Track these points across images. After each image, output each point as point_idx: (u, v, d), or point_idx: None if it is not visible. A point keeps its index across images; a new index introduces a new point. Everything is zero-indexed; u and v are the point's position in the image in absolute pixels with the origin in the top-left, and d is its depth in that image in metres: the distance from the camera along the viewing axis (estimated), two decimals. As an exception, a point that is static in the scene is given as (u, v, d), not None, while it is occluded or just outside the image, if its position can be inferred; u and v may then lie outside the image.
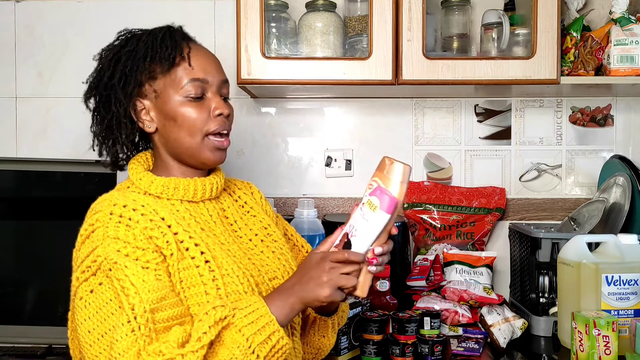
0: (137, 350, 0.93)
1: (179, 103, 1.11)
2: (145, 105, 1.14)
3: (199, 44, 1.20)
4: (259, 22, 1.64)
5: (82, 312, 1.00)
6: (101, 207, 1.05)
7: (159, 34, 1.14)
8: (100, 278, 1.00)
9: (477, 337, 1.57)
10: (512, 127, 2.03)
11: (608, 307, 1.45)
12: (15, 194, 1.88)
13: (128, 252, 1.00)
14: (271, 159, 2.04)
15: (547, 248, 1.69)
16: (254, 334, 0.96)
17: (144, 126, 1.15)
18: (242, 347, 0.95)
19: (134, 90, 1.13)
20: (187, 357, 0.92)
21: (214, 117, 1.13)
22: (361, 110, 2.04)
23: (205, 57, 1.16)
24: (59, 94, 2.00)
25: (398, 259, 1.82)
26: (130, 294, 0.96)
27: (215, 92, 1.15)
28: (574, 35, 1.76)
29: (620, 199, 1.77)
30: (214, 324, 0.95)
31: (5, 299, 1.84)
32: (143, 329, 0.94)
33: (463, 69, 1.66)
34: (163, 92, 1.12)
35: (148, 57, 1.12)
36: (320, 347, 1.24)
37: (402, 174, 1.03)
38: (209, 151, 1.14)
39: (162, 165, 1.18)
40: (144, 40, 1.14)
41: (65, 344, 1.77)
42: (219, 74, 1.16)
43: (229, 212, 1.21)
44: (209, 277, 1.04)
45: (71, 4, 2.00)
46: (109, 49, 1.17)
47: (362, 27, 1.75)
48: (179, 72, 1.12)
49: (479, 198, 1.99)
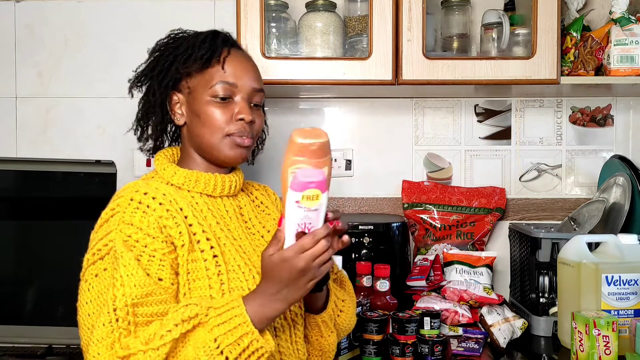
0: (111, 341, 0.96)
1: (205, 102, 1.16)
2: (179, 99, 1.21)
3: (242, 50, 1.25)
4: (259, 22, 1.64)
5: (84, 294, 1.04)
6: (124, 193, 1.09)
7: (202, 36, 1.21)
8: (106, 263, 1.03)
9: (477, 337, 1.57)
10: (512, 127, 2.03)
11: (608, 307, 1.45)
12: (15, 194, 1.88)
13: (138, 238, 1.03)
14: (271, 159, 2.03)
15: (547, 248, 1.69)
16: (224, 335, 0.95)
17: (175, 118, 1.21)
18: (208, 347, 0.94)
19: (170, 84, 1.19)
20: (147, 353, 0.94)
21: (235, 121, 1.17)
22: (361, 110, 2.04)
23: (241, 64, 1.20)
24: (59, 94, 2.00)
25: (398, 259, 1.82)
26: (116, 285, 0.99)
27: (244, 98, 1.18)
28: (574, 35, 1.76)
29: (620, 199, 1.77)
30: (180, 322, 0.96)
31: (5, 299, 1.84)
32: (121, 322, 0.97)
33: (463, 69, 1.66)
34: (195, 89, 1.18)
35: (186, 55, 1.18)
36: (321, 347, 1.23)
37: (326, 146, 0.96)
38: (228, 148, 1.17)
39: (188, 159, 1.22)
40: (188, 40, 1.21)
41: (65, 344, 1.78)
42: (251, 81, 1.19)
43: (245, 210, 1.24)
44: (214, 272, 1.07)
45: (71, 4, 1.99)
46: (158, 43, 1.25)
47: (362, 27, 1.75)
48: (211, 73, 1.17)
49: (479, 198, 1.99)
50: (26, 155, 1.99)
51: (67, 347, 1.77)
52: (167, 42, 1.24)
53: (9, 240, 1.90)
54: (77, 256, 1.13)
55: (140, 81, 1.24)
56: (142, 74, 1.24)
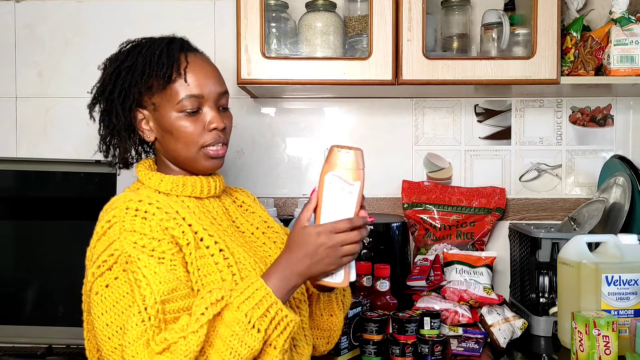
0: (146, 339, 0.97)
1: (175, 117, 1.15)
2: (144, 116, 1.19)
3: (200, 54, 1.23)
4: (259, 22, 1.64)
5: (98, 306, 1.03)
6: (116, 205, 1.09)
7: (157, 49, 1.17)
8: (116, 272, 1.03)
9: (477, 337, 1.57)
10: (512, 127, 2.03)
11: (608, 307, 1.45)
12: (15, 194, 1.88)
13: (144, 243, 1.04)
14: (271, 159, 2.04)
15: (547, 248, 1.69)
16: (251, 309, 0.98)
17: (144, 135, 1.20)
18: (241, 322, 0.97)
19: (133, 104, 1.17)
20: (188, 338, 0.95)
21: (209, 131, 1.17)
22: (361, 110, 2.04)
23: (202, 71, 1.18)
24: (59, 94, 2.00)
25: (398, 259, 1.82)
26: (142, 286, 1.00)
27: (212, 105, 1.18)
28: (574, 35, 1.76)
29: (620, 199, 1.77)
30: (210, 304, 0.98)
31: (5, 299, 1.84)
32: (153, 320, 0.98)
33: (463, 69, 1.66)
34: (160, 105, 1.16)
35: (145, 74, 1.16)
36: (331, 327, 1.26)
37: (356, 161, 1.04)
38: (205, 161, 1.18)
39: (165, 169, 1.22)
40: (142, 55, 1.17)
41: (65, 344, 1.78)
42: (215, 86, 1.18)
43: (231, 211, 1.26)
44: (224, 264, 1.09)
45: (71, 4, 1.99)
46: (111, 61, 1.21)
47: (362, 27, 1.75)
48: (175, 88, 1.15)
49: (479, 198, 1.99)
50: (26, 155, 1.99)
51: (67, 347, 1.77)
52: (120, 61, 1.19)
53: (9, 240, 1.90)
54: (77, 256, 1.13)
55: (101, 103, 1.21)
56: (100, 95, 1.21)
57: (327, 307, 1.25)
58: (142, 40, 1.22)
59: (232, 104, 2.00)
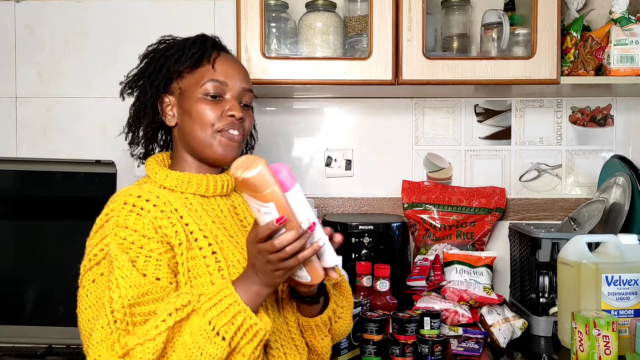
0: (111, 342, 0.98)
1: (196, 99, 1.19)
2: (170, 102, 1.23)
3: (231, 55, 1.28)
4: (259, 22, 1.64)
5: (83, 300, 1.05)
6: (117, 198, 1.10)
7: (192, 39, 1.24)
8: (103, 268, 1.04)
9: (477, 337, 1.57)
10: (512, 127, 2.03)
11: (608, 307, 1.45)
12: (15, 194, 1.88)
13: (133, 240, 1.04)
14: (271, 159, 2.03)
15: (547, 248, 1.69)
16: (217, 316, 0.97)
17: (166, 119, 1.23)
18: (204, 330, 0.96)
19: (161, 84, 1.22)
20: (144, 345, 0.95)
21: (226, 117, 1.19)
22: (361, 110, 2.04)
23: (231, 64, 1.23)
24: (59, 94, 2.00)
25: (398, 259, 1.82)
26: (112, 288, 1.00)
27: (234, 96, 1.21)
28: (574, 35, 1.76)
29: (620, 199, 1.77)
30: (174, 310, 0.97)
31: (5, 299, 1.84)
32: (119, 323, 0.98)
33: (463, 69, 1.66)
34: (186, 89, 1.20)
35: (176, 55, 1.21)
36: (315, 349, 1.24)
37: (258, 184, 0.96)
38: (219, 146, 1.19)
39: (180, 161, 1.23)
40: (178, 43, 1.25)
41: (65, 344, 1.78)
42: (241, 81, 1.22)
43: (240, 209, 1.25)
44: (214, 267, 1.08)
45: (71, 4, 2.00)
46: (148, 48, 1.28)
47: (362, 27, 1.75)
48: (201, 72, 1.20)
49: (479, 198, 1.99)
50: (26, 155, 1.99)
51: (67, 347, 1.77)
52: (157, 46, 1.27)
53: (9, 240, 1.89)
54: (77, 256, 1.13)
55: (133, 84, 1.27)
56: (134, 78, 1.27)
57: (307, 330, 1.21)
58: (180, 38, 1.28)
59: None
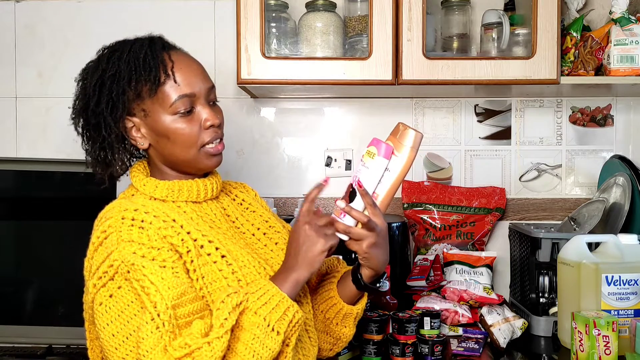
0: (163, 346, 0.96)
1: (170, 121, 1.12)
2: (134, 123, 1.14)
3: (180, 51, 1.19)
4: (259, 22, 1.64)
5: (103, 317, 1.02)
6: (111, 214, 1.06)
7: (140, 53, 1.12)
8: (119, 282, 1.01)
9: (477, 337, 1.57)
10: (512, 127, 2.03)
11: (608, 307, 1.45)
12: (15, 194, 1.88)
13: (144, 253, 1.02)
14: (271, 159, 2.04)
15: (547, 248, 1.69)
16: (269, 313, 1.00)
17: (137, 143, 1.16)
18: (261, 326, 0.99)
19: (124, 113, 1.13)
20: (213, 344, 0.95)
21: (206, 129, 1.14)
22: (361, 110, 2.04)
23: (189, 68, 1.14)
24: (59, 94, 2.00)
25: (398, 259, 1.82)
26: (151, 293, 0.98)
27: (203, 103, 1.15)
28: (574, 35, 1.76)
29: (620, 199, 1.77)
30: (232, 309, 0.98)
31: (5, 299, 1.84)
32: (167, 325, 0.97)
33: (463, 69, 1.66)
34: (152, 110, 1.12)
35: (133, 80, 1.11)
36: (341, 337, 1.26)
37: (414, 139, 1.18)
38: (206, 159, 1.16)
39: (159, 173, 1.19)
40: (125, 60, 1.12)
41: (65, 344, 1.78)
42: (204, 82, 1.16)
43: (230, 210, 1.24)
44: (228, 271, 1.08)
45: (71, 4, 1.99)
46: (90, 70, 1.17)
47: (362, 27, 1.75)
48: (165, 91, 1.11)
49: (479, 198, 1.99)
50: (26, 155, 1.99)
51: (67, 347, 1.77)
52: (102, 70, 1.14)
53: (9, 240, 1.90)
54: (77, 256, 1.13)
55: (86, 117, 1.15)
56: (85, 109, 1.15)
57: (347, 319, 1.24)
58: (119, 44, 1.16)
59: (232, 104, 2.01)
